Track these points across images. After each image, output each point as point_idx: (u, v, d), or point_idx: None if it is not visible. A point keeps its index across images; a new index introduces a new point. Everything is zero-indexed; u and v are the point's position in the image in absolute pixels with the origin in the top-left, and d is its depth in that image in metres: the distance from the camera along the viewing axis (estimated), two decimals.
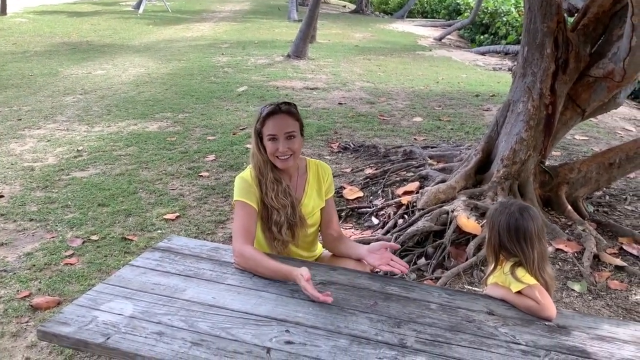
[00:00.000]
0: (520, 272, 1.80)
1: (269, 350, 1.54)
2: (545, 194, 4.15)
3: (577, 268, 3.39)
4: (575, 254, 3.56)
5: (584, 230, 3.82)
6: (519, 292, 1.78)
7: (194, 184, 4.66)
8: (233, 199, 2.13)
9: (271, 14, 21.62)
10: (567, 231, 3.81)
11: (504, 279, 1.85)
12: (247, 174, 2.14)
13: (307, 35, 11.61)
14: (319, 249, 2.41)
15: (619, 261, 3.53)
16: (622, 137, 6.81)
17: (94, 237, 3.69)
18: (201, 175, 4.85)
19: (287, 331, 1.62)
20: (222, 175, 4.88)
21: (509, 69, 12.22)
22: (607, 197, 4.71)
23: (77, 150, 5.48)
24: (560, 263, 3.49)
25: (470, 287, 3.28)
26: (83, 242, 3.62)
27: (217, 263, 2.01)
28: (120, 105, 7.40)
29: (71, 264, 3.34)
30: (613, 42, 3.86)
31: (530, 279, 1.78)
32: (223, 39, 14.46)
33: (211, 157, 5.34)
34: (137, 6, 21.98)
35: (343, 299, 1.80)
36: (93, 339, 1.57)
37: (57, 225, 3.85)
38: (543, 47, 3.88)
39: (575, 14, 4.20)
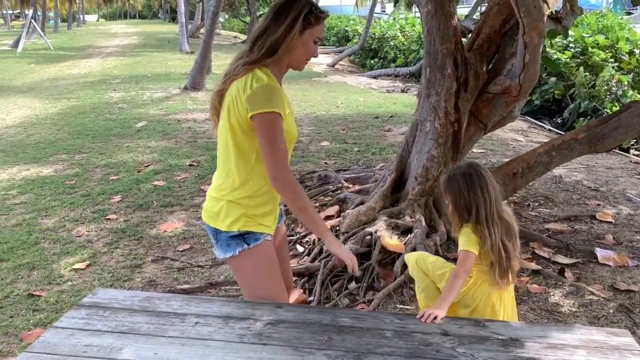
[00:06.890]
0: (472, 238, 1.98)
1: None
2: None
3: None
4: None
5: None
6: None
7: (102, 228, 4.36)
8: (262, 110, 1.74)
9: (161, 47, 21.16)
10: None
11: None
12: (265, 76, 1.78)
13: (203, 67, 11.47)
14: None
15: (534, 265, 3.71)
16: (514, 147, 7.27)
17: None
18: (109, 219, 4.55)
19: None
20: (131, 217, 4.60)
21: (402, 91, 12.77)
22: (512, 205, 4.97)
23: None
24: None
25: (403, 307, 3.30)
26: None
27: (152, 314, 1.84)
28: (8, 150, 6.84)
29: None
30: (506, 60, 4.12)
31: (475, 248, 1.96)
32: (114, 75, 13.91)
33: (117, 198, 5.04)
34: (15, 44, 20.75)
35: (296, 337, 1.71)
36: None
37: None
38: (444, 67, 4.05)
39: (469, 35, 4.45)
